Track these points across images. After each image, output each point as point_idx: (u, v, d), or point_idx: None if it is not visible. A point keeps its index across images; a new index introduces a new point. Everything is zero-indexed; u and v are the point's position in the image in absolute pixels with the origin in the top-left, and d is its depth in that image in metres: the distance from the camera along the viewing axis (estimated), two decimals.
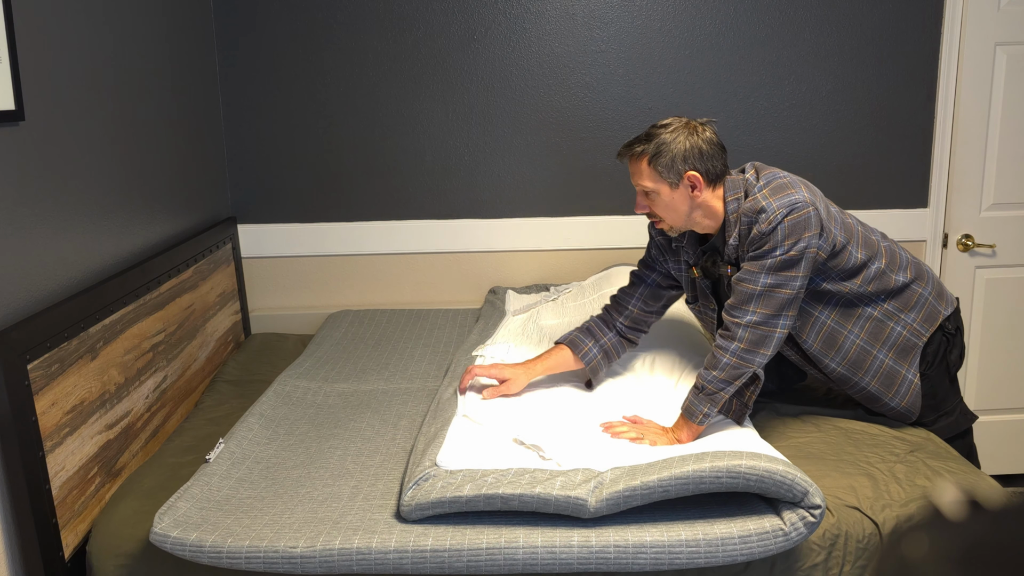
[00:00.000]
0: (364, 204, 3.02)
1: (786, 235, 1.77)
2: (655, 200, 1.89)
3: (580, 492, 1.54)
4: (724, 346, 1.82)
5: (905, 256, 1.99)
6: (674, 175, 1.85)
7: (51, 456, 1.67)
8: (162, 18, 2.44)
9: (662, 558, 1.52)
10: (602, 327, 2.12)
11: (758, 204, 1.80)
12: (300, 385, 2.27)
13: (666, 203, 1.88)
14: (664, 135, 1.86)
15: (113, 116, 2.12)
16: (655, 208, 1.90)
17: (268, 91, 2.93)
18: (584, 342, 2.09)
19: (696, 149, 1.84)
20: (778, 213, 1.77)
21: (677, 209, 1.88)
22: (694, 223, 1.92)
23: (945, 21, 2.93)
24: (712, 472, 1.53)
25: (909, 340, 1.95)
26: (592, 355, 2.09)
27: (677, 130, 1.86)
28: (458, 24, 2.90)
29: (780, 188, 1.81)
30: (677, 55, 2.93)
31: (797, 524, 1.53)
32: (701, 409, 1.81)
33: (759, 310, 1.79)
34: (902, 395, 1.96)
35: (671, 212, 1.89)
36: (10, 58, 1.66)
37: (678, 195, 1.87)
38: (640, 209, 1.93)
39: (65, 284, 1.87)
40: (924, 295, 1.97)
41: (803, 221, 1.77)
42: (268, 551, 1.51)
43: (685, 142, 1.84)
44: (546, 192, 3.02)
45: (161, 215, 2.40)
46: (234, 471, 1.80)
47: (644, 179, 1.88)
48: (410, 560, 1.52)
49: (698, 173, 1.84)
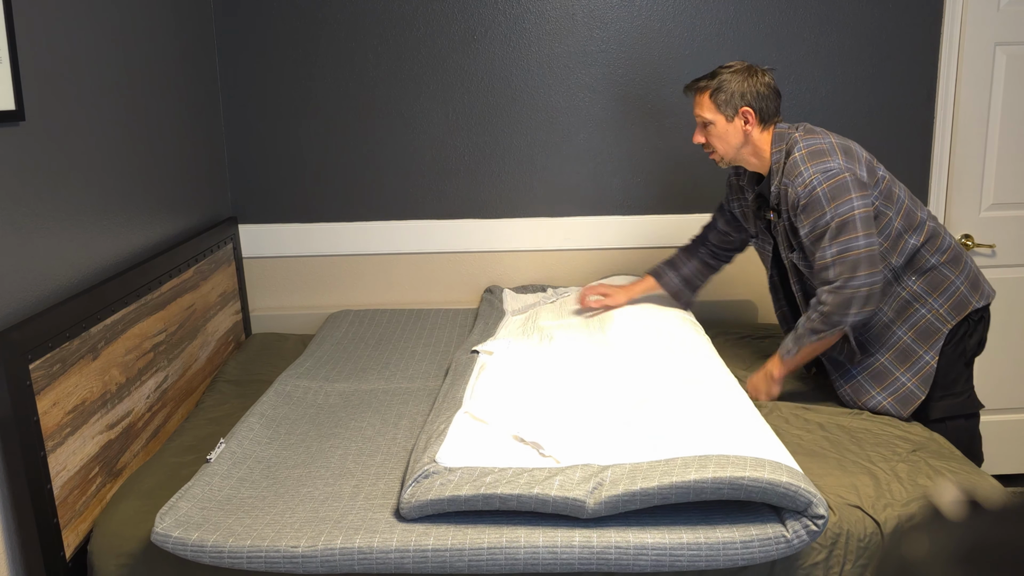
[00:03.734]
0: (364, 204, 3.02)
1: (829, 200, 1.94)
2: (711, 131, 2.11)
3: (578, 493, 1.54)
4: (815, 304, 2.02)
5: (948, 240, 2.09)
6: (730, 109, 2.07)
7: (52, 456, 1.67)
8: (162, 18, 2.45)
9: (663, 560, 1.53)
10: (684, 258, 2.48)
11: (796, 167, 1.99)
12: (301, 385, 2.28)
13: (720, 134, 2.10)
14: (726, 74, 2.09)
15: (113, 116, 2.12)
16: (710, 138, 2.12)
17: (268, 91, 2.94)
18: (666, 272, 2.49)
19: (752, 89, 2.06)
20: (813, 179, 1.95)
21: (729, 141, 2.10)
22: (743, 159, 2.14)
23: (945, 21, 2.93)
24: (713, 483, 1.52)
25: (933, 324, 2.05)
26: (674, 283, 2.48)
27: (739, 71, 2.08)
28: (458, 24, 2.90)
29: (818, 154, 1.98)
30: (677, 55, 2.94)
31: (800, 532, 1.53)
32: (787, 347, 2.08)
33: (837, 275, 1.96)
34: (914, 372, 2.05)
35: (723, 143, 2.11)
36: (10, 58, 1.66)
37: (732, 128, 2.09)
38: (697, 139, 2.15)
39: (66, 284, 1.87)
40: (956, 283, 2.06)
41: (840, 186, 1.94)
42: (269, 551, 1.52)
43: (744, 82, 2.07)
44: (546, 192, 3.02)
45: (161, 215, 2.40)
46: (235, 471, 1.80)
47: (704, 111, 2.11)
48: (411, 560, 1.52)
49: (751, 109, 2.06)
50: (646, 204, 3.03)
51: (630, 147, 2.99)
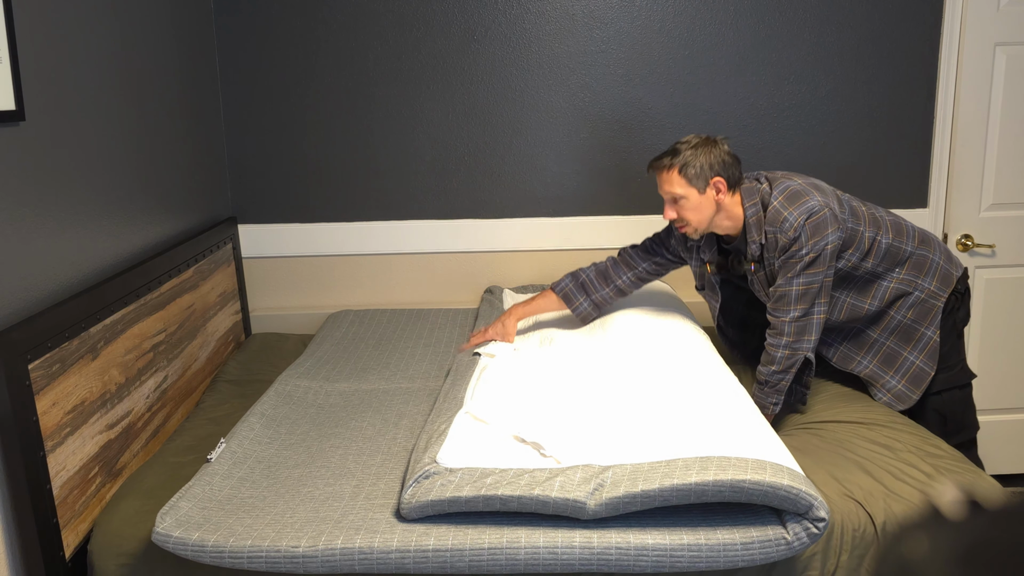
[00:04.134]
0: (364, 204, 3.02)
1: (809, 236, 2.01)
2: (683, 205, 2.12)
3: (579, 494, 1.54)
4: (775, 343, 2.10)
5: (910, 226, 2.21)
6: (701, 181, 2.09)
7: (52, 456, 1.67)
8: (162, 18, 2.45)
9: (663, 561, 1.53)
10: (598, 283, 2.41)
11: (780, 215, 2.04)
12: (301, 385, 2.28)
13: (694, 206, 2.11)
14: (688, 149, 2.10)
15: (113, 116, 2.12)
16: (683, 212, 2.13)
17: (268, 91, 2.94)
18: (576, 296, 2.42)
19: (718, 159, 2.09)
20: (799, 221, 2.01)
21: (703, 212, 2.12)
22: (715, 225, 2.16)
23: (945, 21, 2.93)
24: (715, 485, 1.52)
25: (927, 302, 2.16)
26: (583, 308, 2.43)
27: (700, 144, 2.11)
28: (458, 24, 2.90)
29: (795, 196, 2.05)
30: (677, 55, 2.94)
31: (800, 534, 1.53)
32: (769, 401, 2.10)
33: (798, 307, 2.06)
34: (920, 348, 2.15)
35: (697, 214, 2.12)
36: (10, 58, 1.66)
37: (705, 199, 2.10)
38: (669, 215, 2.15)
39: (66, 284, 1.87)
40: (935, 260, 2.18)
41: (821, 222, 2.02)
42: (270, 551, 1.52)
43: (709, 154, 2.09)
44: (546, 192, 3.02)
45: (161, 215, 2.40)
46: (236, 471, 1.80)
47: (675, 187, 2.11)
48: (412, 560, 1.52)
49: (722, 178, 2.09)
50: (645, 204, 3.03)
51: (630, 147, 2.99)
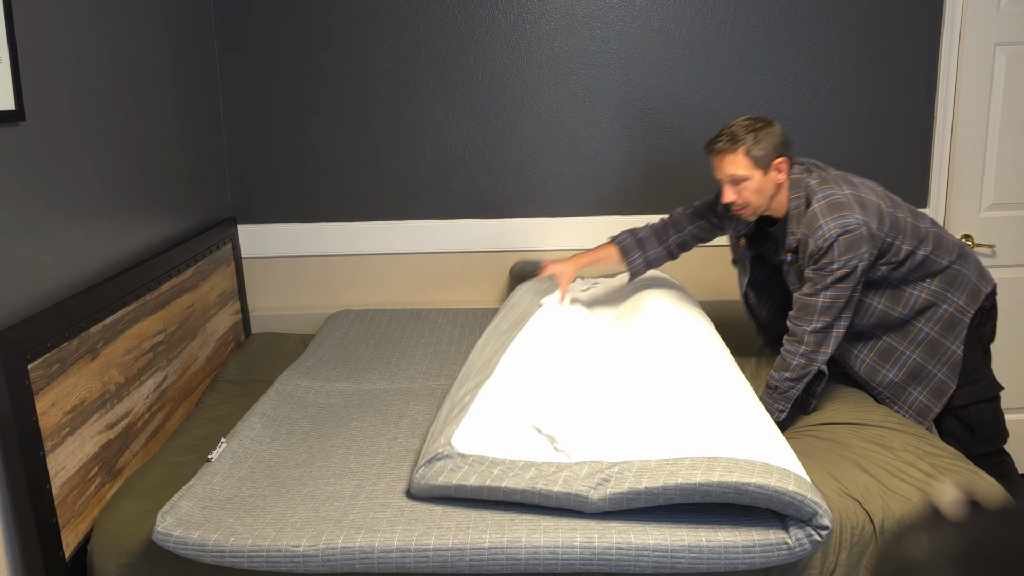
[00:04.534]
0: (364, 204, 3.02)
1: (842, 252, 1.99)
2: (746, 187, 2.09)
3: (582, 488, 1.55)
4: (792, 350, 2.07)
5: (950, 239, 2.18)
6: (766, 162, 2.07)
7: (51, 456, 1.67)
8: (162, 18, 2.45)
9: (664, 562, 1.53)
10: (653, 240, 2.45)
11: (816, 221, 2.02)
12: (301, 384, 2.28)
13: (756, 188, 2.09)
14: (751, 130, 2.08)
15: (113, 116, 2.12)
16: (744, 193, 2.10)
17: (268, 91, 2.94)
18: (633, 251, 2.46)
19: (779, 139, 2.09)
20: (832, 233, 1.98)
21: (765, 193, 2.10)
22: (770, 208, 2.14)
23: (945, 21, 2.93)
24: (719, 487, 1.52)
25: (955, 316, 2.15)
26: (636, 264, 2.46)
27: (763, 125, 2.09)
28: (458, 24, 2.90)
29: (836, 207, 2.01)
30: (677, 55, 2.94)
31: (802, 540, 1.53)
32: (776, 407, 2.07)
33: (821, 319, 2.03)
34: (944, 362, 2.16)
35: (759, 196, 2.10)
36: (10, 58, 1.66)
37: (767, 181, 2.09)
38: (728, 198, 2.11)
39: (65, 284, 1.87)
40: (967, 275, 2.18)
41: (856, 241, 1.98)
42: (271, 550, 1.52)
43: (772, 135, 2.08)
44: (546, 192, 3.02)
45: (161, 215, 2.40)
46: (236, 470, 1.80)
47: (738, 168, 2.08)
48: (413, 559, 1.52)
49: (785, 159, 2.08)
50: (646, 204, 3.03)
51: (629, 147, 2.99)
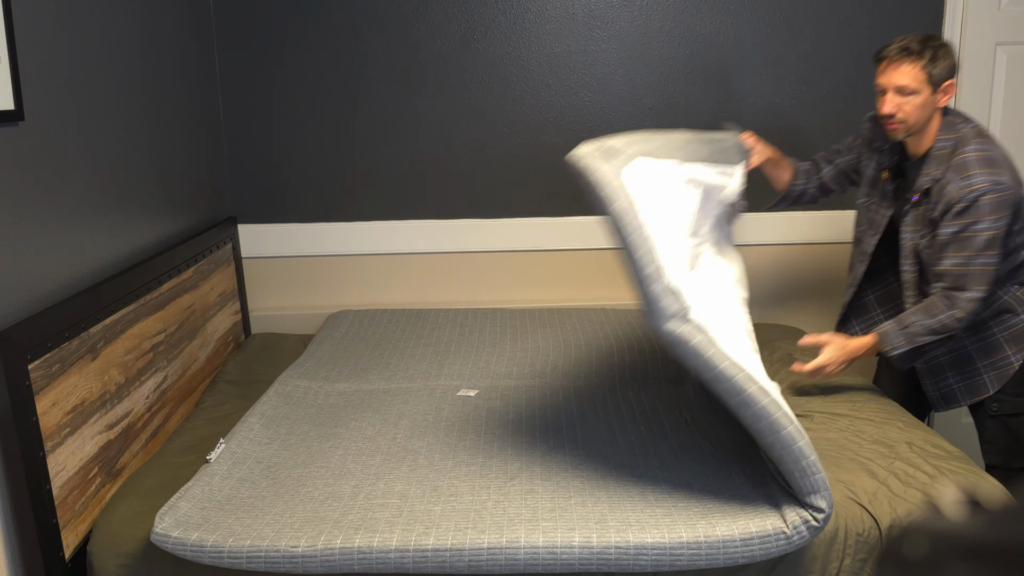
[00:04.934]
0: (364, 204, 3.02)
1: (989, 211, 1.96)
2: (911, 100, 2.04)
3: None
4: (946, 307, 2.04)
5: None
6: (938, 80, 2.03)
7: (52, 456, 1.67)
8: (162, 18, 2.45)
9: (663, 559, 1.53)
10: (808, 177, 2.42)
11: (967, 168, 1.98)
12: (301, 385, 2.28)
13: (921, 104, 2.04)
14: (932, 48, 2.03)
15: (113, 116, 2.12)
16: (907, 107, 2.05)
17: (268, 91, 2.94)
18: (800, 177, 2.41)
19: (954, 64, 2.04)
20: (982, 187, 1.95)
21: (925, 112, 2.05)
22: (922, 132, 2.09)
23: (945, 21, 2.93)
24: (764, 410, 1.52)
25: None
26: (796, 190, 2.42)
27: (944, 44, 2.04)
28: (458, 24, 2.90)
29: (991, 162, 1.98)
30: (677, 55, 2.94)
31: (799, 527, 1.53)
32: (897, 342, 2.08)
33: (978, 288, 2.01)
34: (995, 367, 2.13)
35: (920, 113, 2.05)
36: (10, 58, 1.66)
37: (932, 101, 2.05)
38: (888, 108, 2.06)
39: (65, 284, 1.87)
40: None
41: (1004, 202, 1.96)
42: (269, 550, 1.52)
43: (950, 56, 2.04)
44: (546, 192, 3.02)
45: (161, 215, 2.40)
46: (235, 471, 1.80)
47: (911, 80, 2.03)
48: (411, 560, 1.52)
49: (953, 83, 2.05)
50: None
51: None
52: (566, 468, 1.78)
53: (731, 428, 1.97)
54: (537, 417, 2.04)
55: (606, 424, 2.00)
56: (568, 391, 2.21)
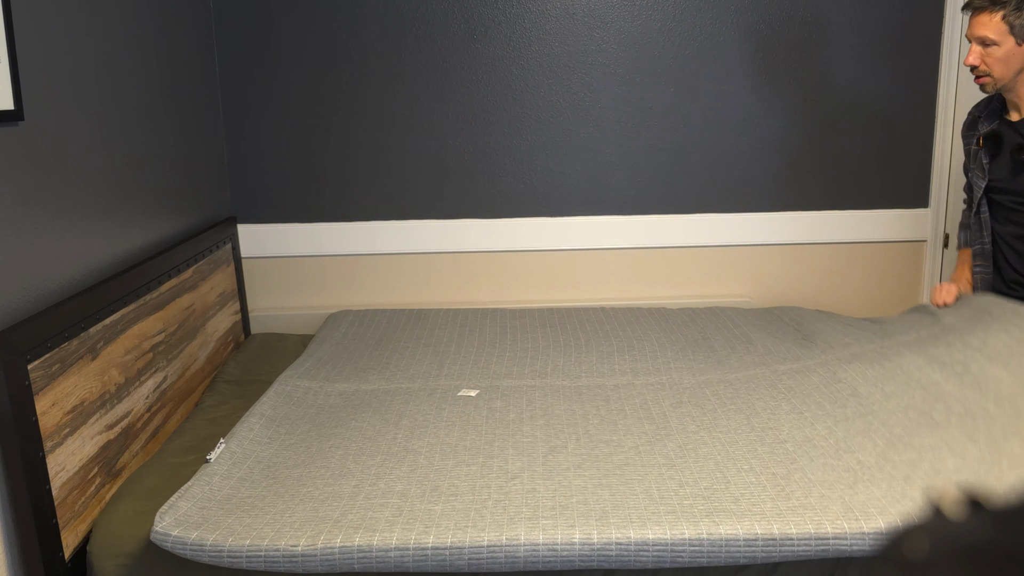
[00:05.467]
0: (364, 204, 3.02)
1: None
2: (992, 51, 2.06)
3: None
4: None
5: None
6: (1022, 32, 2.04)
7: (51, 456, 1.67)
8: (162, 18, 2.44)
9: (664, 556, 1.52)
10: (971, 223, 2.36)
11: None
12: (301, 385, 2.27)
13: (1003, 56, 2.06)
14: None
15: (112, 116, 2.12)
16: (989, 60, 2.07)
17: (268, 91, 2.93)
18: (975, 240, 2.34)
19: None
20: None
21: (1011, 65, 2.07)
22: (1014, 88, 2.11)
23: (945, 21, 2.93)
24: None
25: None
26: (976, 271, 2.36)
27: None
28: (458, 24, 2.90)
29: None
30: (677, 55, 2.93)
31: (806, 535, 1.53)
32: None
33: None
34: None
35: (1004, 66, 2.07)
36: (10, 58, 1.66)
37: (1018, 52, 2.06)
38: (972, 59, 2.09)
39: (65, 284, 1.87)
40: None
41: None
42: (269, 550, 1.52)
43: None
44: (546, 192, 3.02)
45: (161, 215, 2.40)
46: (235, 471, 1.80)
47: (990, 31, 2.05)
48: (411, 558, 1.52)
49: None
50: (646, 204, 3.03)
51: (630, 147, 2.99)
52: (568, 468, 1.78)
53: (742, 426, 1.97)
54: (538, 417, 2.04)
55: (608, 423, 2.00)
56: (569, 391, 2.21)
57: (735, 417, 2.01)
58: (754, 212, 3.04)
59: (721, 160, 3.00)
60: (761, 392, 2.15)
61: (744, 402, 2.09)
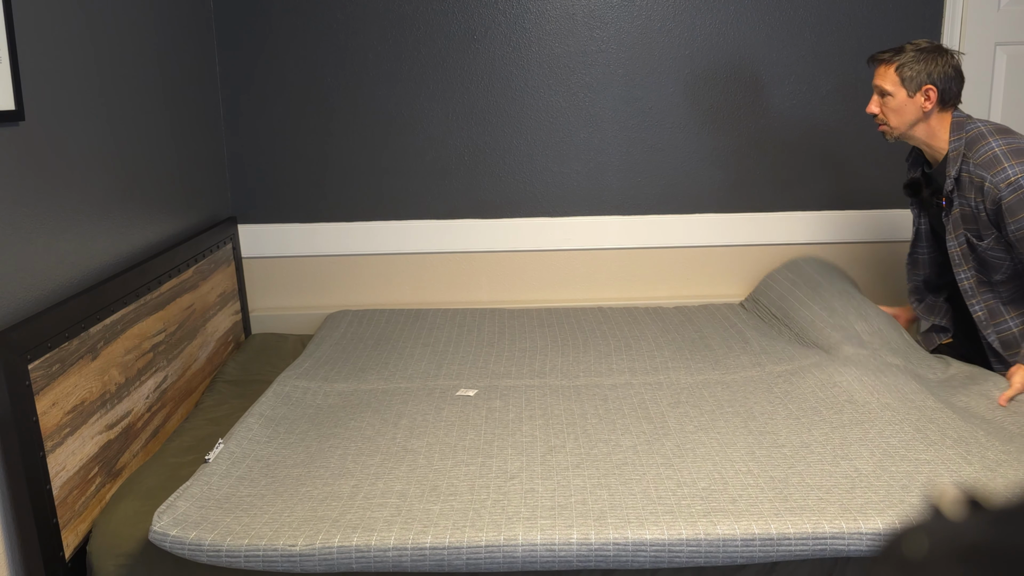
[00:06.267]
0: (364, 204, 3.02)
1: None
2: (887, 102, 2.14)
3: None
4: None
5: None
6: (914, 85, 2.11)
7: (52, 456, 1.67)
8: (162, 18, 2.45)
9: (661, 556, 1.52)
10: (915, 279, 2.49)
11: (998, 162, 2.03)
12: (300, 385, 2.28)
13: (896, 107, 2.14)
14: (913, 51, 2.11)
15: (112, 116, 2.12)
16: (886, 109, 2.15)
17: (268, 91, 2.94)
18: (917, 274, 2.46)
19: (939, 70, 2.10)
20: (1018, 178, 2.01)
21: (905, 115, 2.14)
22: (911, 136, 2.18)
23: (945, 21, 2.93)
24: None
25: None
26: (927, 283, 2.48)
27: (927, 49, 2.11)
28: (458, 24, 2.90)
29: (1020, 152, 2.04)
30: (677, 55, 2.94)
31: (804, 535, 1.53)
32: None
33: None
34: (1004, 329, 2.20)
35: (898, 117, 2.15)
36: (10, 58, 1.66)
37: (911, 104, 2.12)
38: (871, 108, 2.17)
39: (65, 284, 1.87)
40: None
41: None
42: (267, 549, 1.52)
43: (932, 61, 2.10)
44: (546, 192, 3.02)
45: (161, 215, 2.40)
46: (234, 470, 1.80)
47: (886, 82, 2.13)
48: (409, 558, 1.52)
49: (935, 88, 2.10)
50: (646, 204, 3.03)
51: (630, 147, 2.99)
52: (566, 468, 1.78)
53: (740, 429, 1.97)
54: (537, 417, 2.05)
55: (607, 423, 2.00)
56: (567, 390, 2.21)
57: (732, 419, 2.02)
58: (754, 212, 3.04)
59: (721, 160, 3.00)
60: (759, 396, 2.15)
61: (742, 405, 2.09)
